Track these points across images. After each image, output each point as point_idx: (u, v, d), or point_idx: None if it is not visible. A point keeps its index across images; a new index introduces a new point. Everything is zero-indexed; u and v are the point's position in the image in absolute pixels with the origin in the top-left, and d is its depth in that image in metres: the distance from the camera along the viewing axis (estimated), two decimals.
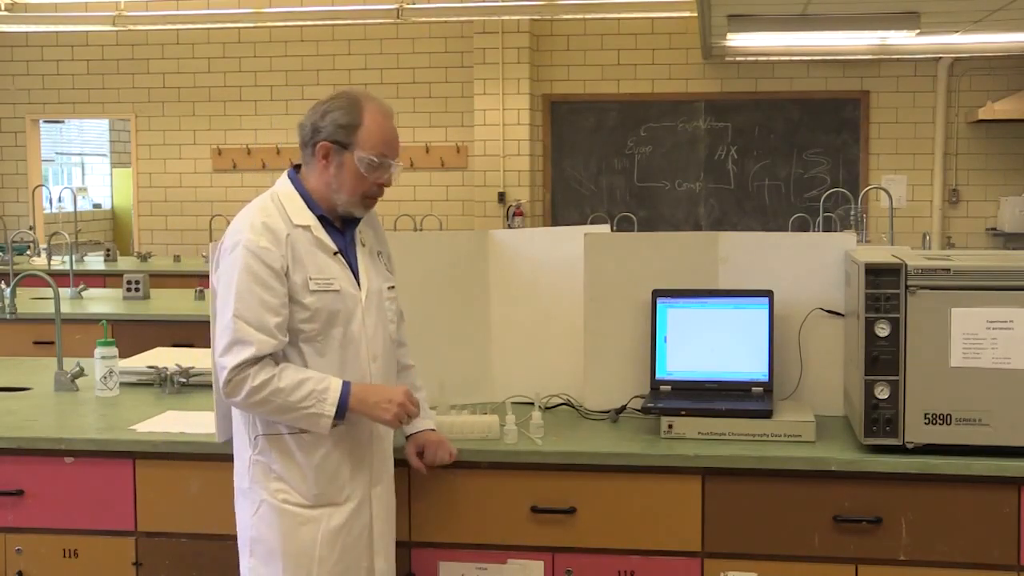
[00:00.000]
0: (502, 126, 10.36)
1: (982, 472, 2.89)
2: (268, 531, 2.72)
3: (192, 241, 10.77)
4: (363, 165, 2.74)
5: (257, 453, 2.73)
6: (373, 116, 2.75)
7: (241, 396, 2.63)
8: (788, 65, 10.09)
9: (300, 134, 2.80)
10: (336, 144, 2.74)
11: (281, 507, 2.71)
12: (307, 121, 2.79)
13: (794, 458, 2.98)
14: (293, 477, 2.72)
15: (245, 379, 2.61)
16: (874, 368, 2.94)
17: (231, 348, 2.63)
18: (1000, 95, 9.61)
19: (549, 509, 3.01)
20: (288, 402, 2.63)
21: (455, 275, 3.58)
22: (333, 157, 2.75)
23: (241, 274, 2.63)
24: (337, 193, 2.77)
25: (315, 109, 2.80)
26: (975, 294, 2.90)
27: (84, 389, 3.83)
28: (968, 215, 10.17)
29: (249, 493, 2.75)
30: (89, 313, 6.12)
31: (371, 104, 2.77)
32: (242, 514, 2.78)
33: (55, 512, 3.22)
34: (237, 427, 2.80)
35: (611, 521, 3.03)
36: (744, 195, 10.33)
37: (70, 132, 14.53)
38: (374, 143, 2.75)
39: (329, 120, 2.74)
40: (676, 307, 3.40)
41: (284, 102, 10.85)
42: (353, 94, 2.78)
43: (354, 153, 2.74)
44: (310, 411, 2.64)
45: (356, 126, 2.74)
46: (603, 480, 3.03)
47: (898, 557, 2.95)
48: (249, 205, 2.77)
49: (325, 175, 2.76)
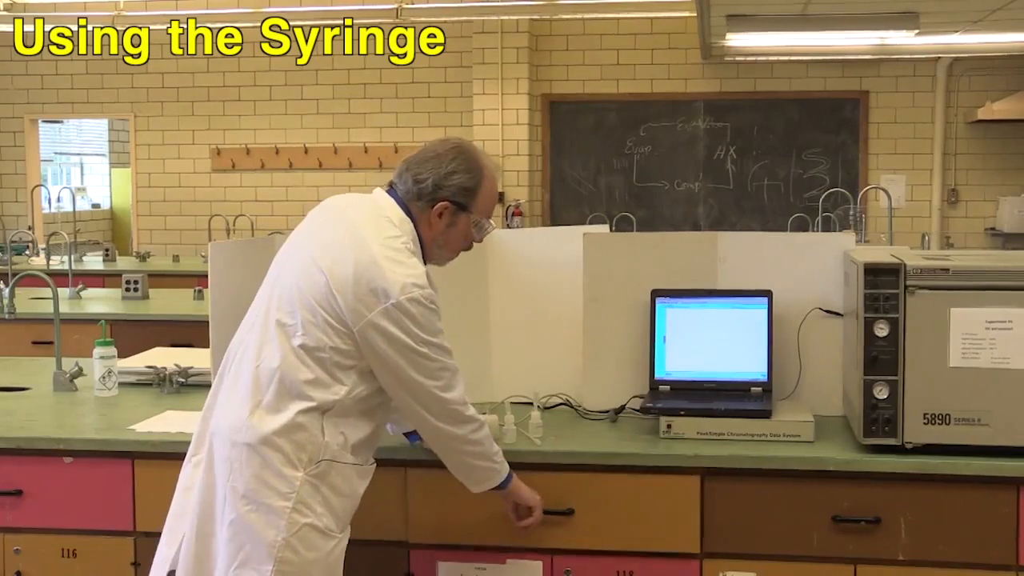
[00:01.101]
0: (501, 126, 10.36)
1: (981, 472, 2.89)
2: (306, 552, 2.64)
3: (191, 241, 10.77)
4: (476, 228, 2.83)
5: (314, 476, 2.65)
6: (490, 180, 2.81)
7: (467, 429, 2.76)
8: (787, 65, 10.09)
9: (413, 184, 2.77)
10: (456, 205, 2.77)
11: (323, 532, 2.67)
12: (427, 174, 2.76)
13: (793, 458, 2.98)
14: (336, 504, 2.70)
15: (472, 410, 2.77)
16: (873, 368, 2.94)
17: (452, 382, 2.73)
18: (999, 95, 9.61)
19: (548, 510, 3.00)
20: (487, 451, 2.82)
21: (454, 276, 3.58)
22: (447, 216, 2.78)
23: (438, 326, 2.72)
24: (441, 249, 2.83)
25: (434, 161, 2.78)
26: (974, 294, 2.90)
27: (83, 389, 3.83)
28: (967, 215, 10.17)
29: (287, 513, 2.63)
30: (88, 313, 6.13)
31: (488, 166, 2.82)
32: (269, 531, 2.62)
33: (54, 512, 3.22)
34: (278, 440, 2.64)
35: (610, 521, 3.03)
36: (743, 195, 10.33)
37: (69, 132, 14.52)
38: (486, 207, 2.82)
39: (455, 181, 2.76)
40: (675, 307, 3.40)
41: (283, 102, 10.86)
42: (473, 155, 2.81)
43: (471, 216, 2.80)
44: (494, 466, 2.84)
45: (477, 190, 2.78)
46: (602, 480, 3.03)
47: (897, 557, 2.95)
48: (395, 247, 2.69)
49: (433, 230, 2.79)
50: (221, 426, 2.72)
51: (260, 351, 2.70)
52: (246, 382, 2.70)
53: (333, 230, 2.74)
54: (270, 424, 2.64)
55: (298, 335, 2.65)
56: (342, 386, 2.67)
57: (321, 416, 2.66)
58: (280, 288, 2.74)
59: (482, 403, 3.48)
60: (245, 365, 2.72)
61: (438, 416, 2.72)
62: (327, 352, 2.65)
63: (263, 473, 2.64)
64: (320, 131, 10.85)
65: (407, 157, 2.84)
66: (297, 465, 2.64)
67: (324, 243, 2.72)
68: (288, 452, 2.64)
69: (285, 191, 10.88)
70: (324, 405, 2.66)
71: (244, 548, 2.65)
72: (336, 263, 2.66)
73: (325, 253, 2.69)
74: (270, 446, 2.64)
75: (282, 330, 2.68)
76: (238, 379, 2.73)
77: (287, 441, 2.64)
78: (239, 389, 2.71)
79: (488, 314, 3.64)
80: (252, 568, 2.63)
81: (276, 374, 2.66)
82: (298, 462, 2.64)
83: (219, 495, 2.69)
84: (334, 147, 10.81)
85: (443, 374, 2.71)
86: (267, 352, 2.68)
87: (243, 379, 2.71)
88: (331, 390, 2.66)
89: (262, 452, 2.64)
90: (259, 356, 2.70)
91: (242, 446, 2.66)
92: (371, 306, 2.61)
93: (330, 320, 2.64)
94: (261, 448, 2.64)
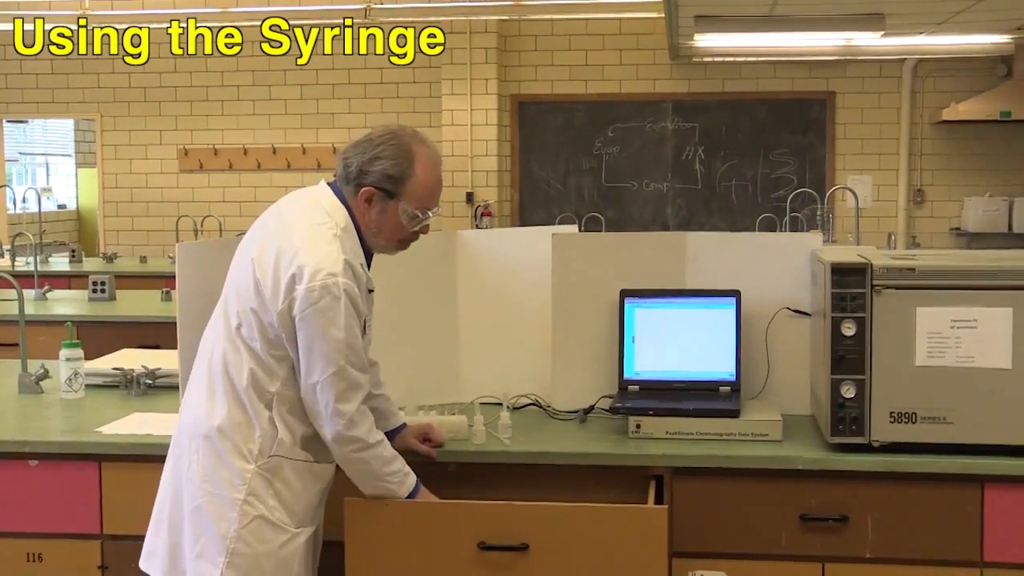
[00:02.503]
0: (470, 126, 10.36)
1: (946, 470, 2.92)
2: (257, 545, 2.67)
3: (158, 242, 10.70)
4: (406, 217, 2.75)
5: (265, 470, 2.67)
6: (423, 168, 2.73)
7: (350, 448, 2.66)
8: (755, 66, 10.14)
9: (342, 168, 2.74)
10: (382, 192, 2.72)
11: (275, 524, 2.68)
12: (353, 158, 2.72)
13: (761, 457, 3.00)
14: (290, 499, 2.71)
15: (359, 430, 2.65)
16: (840, 367, 2.96)
17: (347, 394, 2.64)
18: (964, 96, 9.69)
19: (500, 545, 2.82)
20: (379, 471, 2.72)
21: (423, 275, 3.57)
22: (376, 203, 2.73)
23: (346, 319, 2.60)
24: (375, 236, 2.77)
25: (362, 147, 2.73)
26: (940, 293, 2.92)
27: (49, 391, 3.80)
28: (933, 215, 10.25)
29: (239, 504, 2.66)
30: (54, 315, 6.07)
31: (422, 154, 2.73)
32: (222, 523, 2.67)
33: (19, 516, 3.19)
34: (227, 431, 2.67)
35: (570, 549, 2.97)
36: (711, 195, 10.37)
37: (34, 132, 14.40)
38: (419, 197, 2.74)
39: (378, 168, 2.70)
40: (644, 307, 3.41)
41: (251, 102, 10.81)
42: (405, 142, 2.73)
43: (399, 204, 2.73)
44: (389, 485, 2.73)
45: (405, 179, 2.71)
46: (563, 504, 2.99)
47: (864, 555, 2.97)
48: (317, 233, 2.66)
49: (365, 217, 2.74)
50: (185, 421, 2.79)
51: (213, 346, 2.76)
52: (202, 377, 2.76)
53: (269, 227, 2.77)
54: (221, 417, 2.69)
55: (240, 328, 2.69)
56: (277, 378, 2.68)
57: (268, 410, 2.68)
58: (228, 285, 2.79)
59: (451, 403, 3.48)
60: (204, 361, 2.78)
61: (323, 421, 2.66)
62: (262, 341, 2.67)
63: (216, 463, 2.69)
64: (288, 131, 10.81)
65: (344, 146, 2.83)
66: (248, 458, 2.68)
67: (259, 240, 2.75)
68: (239, 444, 2.68)
69: (253, 192, 10.83)
70: (267, 398, 2.67)
71: (200, 540, 2.70)
72: (263, 254, 2.68)
73: (258, 248, 2.72)
74: (222, 437, 2.69)
75: (227, 324, 2.72)
76: (198, 376, 2.79)
77: (237, 433, 2.69)
78: (198, 384, 2.77)
79: (457, 314, 3.64)
80: (207, 560, 2.69)
81: (224, 368, 2.70)
82: (248, 455, 2.68)
83: (183, 485, 2.74)
84: (303, 147, 10.76)
85: (338, 380, 2.63)
86: (218, 347, 2.73)
87: (201, 374, 2.78)
88: (270, 382, 2.68)
89: (215, 443, 2.69)
90: (212, 351, 2.75)
91: (200, 438, 2.71)
92: (286, 293, 2.62)
93: (258, 311, 2.66)
94: (215, 439, 2.69)
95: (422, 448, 3.03)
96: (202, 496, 2.69)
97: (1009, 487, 2.91)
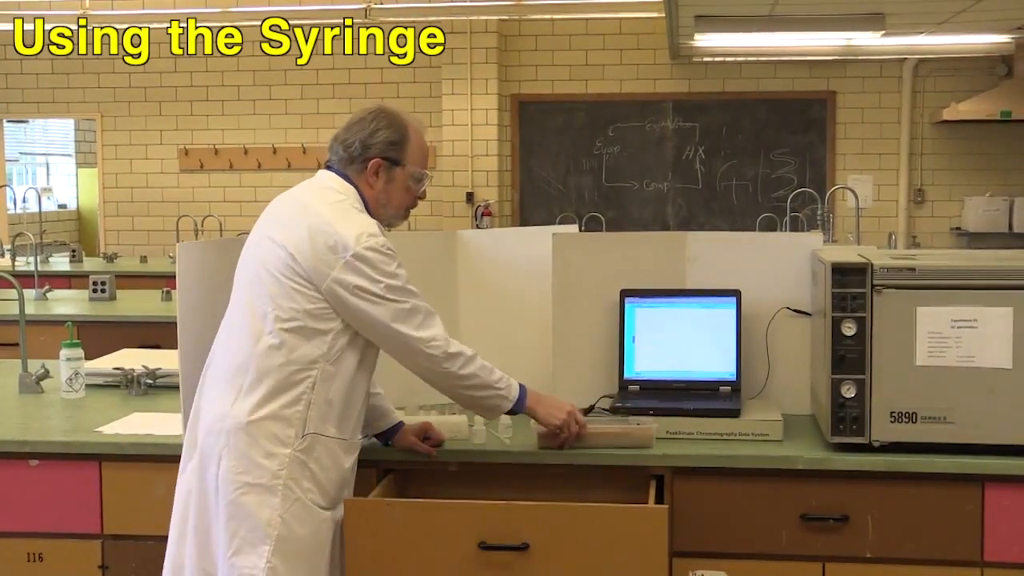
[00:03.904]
0: (470, 126, 10.36)
1: (946, 470, 2.92)
2: (299, 529, 2.69)
3: (159, 242, 10.71)
4: (412, 180, 2.88)
5: (301, 451, 2.69)
6: (415, 132, 2.89)
7: (458, 364, 2.78)
8: (755, 65, 10.14)
9: (343, 150, 2.86)
10: (388, 160, 2.84)
11: (311, 506, 2.71)
12: (352, 137, 2.86)
13: (762, 457, 3.00)
14: (323, 479, 2.73)
15: (455, 346, 2.78)
16: (841, 367, 2.96)
17: (427, 322, 2.76)
18: (964, 96, 9.69)
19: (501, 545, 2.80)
20: (485, 380, 2.83)
21: (423, 275, 3.57)
22: (383, 173, 2.85)
23: (396, 268, 2.73)
24: (385, 207, 2.88)
25: (358, 126, 2.86)
26: (940, 293, 2.92)
27: (49, 391, 3.80)
28: (933, 215, 10.25)
29: (280, 490, 2.67)
30: (54, 314, 6.07)
31: (411, 120, 2.90)
32: (264, 510, 2.66)
33: (20, 516, 3.19)
34: (261, 419, 2.67)
35: (571, 548, 2.97)
36: (712, 195, 10.37)
37: (35, 132, 14.40)
38: (419, 158, 2.89)
39: (380, 138, 2.84)
40: (644, 307, 3.41)
41: (251, 102, 10.81)
42: (394, 112, 2.89)
43: (405, 169, 2.86)
44: (499, 392, 2.86)
45: (405, 142, 2.86)
46: (564, 504, 2.99)
47: (864, 555, 2.97)
48: (343, 208, 2.78)
49: (374, 189, 2.86)
50: (207, 421, 2.76)
51: (232, 342, 2.76)
52: (224, 375, 2.75)
53: (283, 212, 2.84)
54: (253, 405, 2.69)
55: (270, 312, 2.70)
56: (315, 354, 2.70)
57: (301, 389, 2.69)
58: (245, 276, 2.81)
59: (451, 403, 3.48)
60: (222, 362, 2.77)
61: (422, 357, 2.76)
62: (301, 318, 2.70)
63: (251, 453, 2.68)
64: (289, 131, 10.81)
65: (335, 134, 2.92)
66: (285, 442, 2.69)
67: (278, 224, 2.81)
68: (275, 430, 2.68)
69: (253, 191, 10.83)
70: (302, 376, 2.69)
71: (238, 534, 2.68)
72: (291, 233, 2.75)
73: (280, 230, 2.78)
74: (256, 426, 2.68)
75: (253, 313, 2.73)
76: (216, 377, 2.78)
77: (272, 419, 2.68)
78: (219, 384, 2.76)
79: (457, 314, 3.63)
80: (248, 552, 2.67)
81: (253, 357, 2.70)
82: (285, 438, 2.69)
83: (211, 486, 2.72)
84: (303, 147, 10.77)
85: (414, 315, 2.75)
86: (241, 340, 2.73)
87: (221, 374, 2.76)
88: (306, 362, 2.69)
89: (250, 432, 2.68)
90: (233, 346, 2.75)
91: (228, 432, 2.69)
92: (331, 263, 2.69)
93: (296, 287, 2.70)
94: (248, 429, 2.68)
95: (422, 447, 3.03)
96: (238, 489, 2.67)
97: (1009, 487, 2.91)
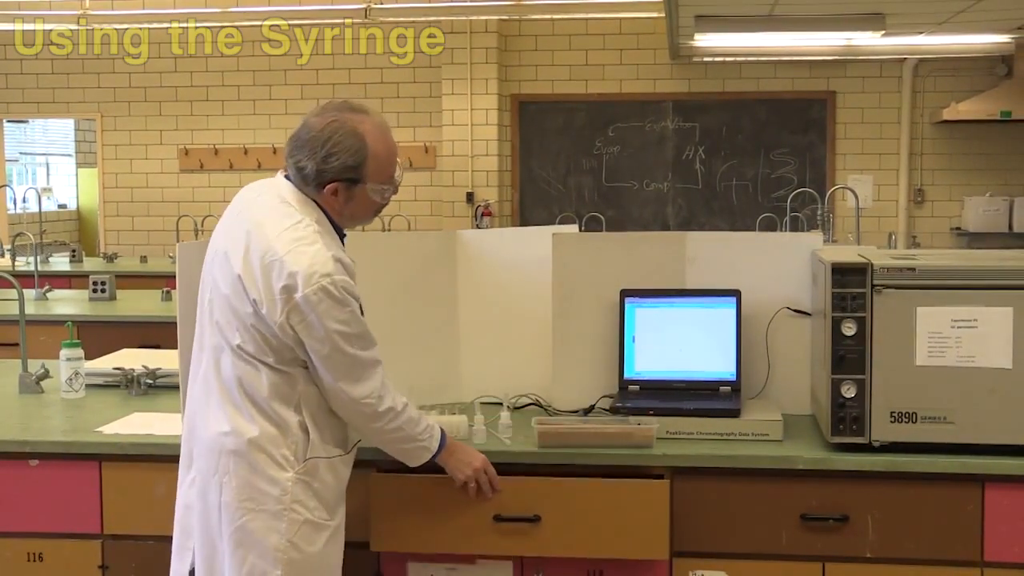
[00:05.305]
0: (470, 126, 10.36)
1: (946, 470, 2.92)
2: (308, 548, 2.67)
3: (159, 242, 10.70)
4: (376, 194, 2.73)
5: (303, 474, 2.66)
6: (376, 143, 2.68)
7: (385, 421, 2.72)
8: (755, 65, 10.14)
9: (296, 172, 2.70)
10: (346, 182, 2.68)
11: (319, 524, 2.69)
12: (305, 161, 2.67)
13: (762, 457, 3.00)
14: (326, 494, 2.72)
15: (386, 402, 2.71)
16: (841, 367, 2.96)
17: (364, 375, 2.67)
18: (964, 96, 9.69)
19: (514, 517, 2.96)
20: (413, 433, 2.79)
21: (423, 275, 3.58)
22: (343, 193, 2.69)
23: (348, 313, 2.61)
24: (350, 220, 2.77)
25: (310, 147, 2.67)
26: (940, 293, 2.92)
27: (49, 391, 3.80)
28: (933, 215, 10.25)
29: (286, 514, 2.64)
30: (54, 314, 6.08)
31: (370, 130, 2.68)
32: (271, 535, 2.63)
33: (20, 516, 3.19)
34: (259, 444, 2.63)
35: (579, 520, 3.02)
36: (712, 195, 10.37)
37: (35, 132, 14.40)
38: (382, 171, 2.71)
39: (335, 164, 2.65)
40: (644, 307, 3.41)
41: (251, 102, 10.81)
42: (350, 126, 2.67)
43: (366, 186, 2.70)
44: (422, 444, 2.82)
45: (364, 162, 2.67)
46: (571, 479, 3.02)
47: (864, 555, 2.97)
48: (297, 236, 2.61)
49: (335, 207, 2.71)
50: (203, 438, 2.71)
51: (219, 360, 2.69)
52: (216, 392, 2.69)
53: (239, 229, 2.69)
54: (250, 430, 2.64)
55: (245, 346, 2.65)
56: (297, 382, 2.66)
57: (297, 414, 2.66)
58: (214, 293, 2.72)
59: (451, 403, 3.49)
60: (212, 374, 2.71)
61: (352, 412, 2.71)
62: (272, 357, 2.64)
63: (253, 479, 2.64)
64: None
65: (291, 136, 2.74)
66: (285, 466, 2.65)
67: (236, 244, 2.67)
68: (274, 454, 2.64)
69: None
70: (292, 402, 2.66)
71: (248, 560, 2.64)
72: (247, 262, 2.63)
73: (237, 255, 2.65)
74: (254, 451, 2.64)
75: (226, 339, 2.67)
76: (209, 389, 2.72)
77: (270, 444, 2.64)
78: (212, 399, 2.70)
79: (457, 314, 3.64)
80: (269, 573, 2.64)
81: (240, 383, 2.66)
82: (285, 462, 2.65)
83: (214, 511, 2.68)
84: None
85: (353, 369, 2.65)
86: (225, 362, 2.68)
87: (213, 388, 2.70)
88: (291, 388, 2.66)
89: (248, 458, 2.64)
90: (219, 364, 2.69)
91: (228, 456, 2.65)
92: (282, 304, 2.58)
93: (258, 327, 2.63)
94: (247, 454, 2.64)
95: None
96: (244, 515, 2.64)
97: (1009, 487, 2.91)
